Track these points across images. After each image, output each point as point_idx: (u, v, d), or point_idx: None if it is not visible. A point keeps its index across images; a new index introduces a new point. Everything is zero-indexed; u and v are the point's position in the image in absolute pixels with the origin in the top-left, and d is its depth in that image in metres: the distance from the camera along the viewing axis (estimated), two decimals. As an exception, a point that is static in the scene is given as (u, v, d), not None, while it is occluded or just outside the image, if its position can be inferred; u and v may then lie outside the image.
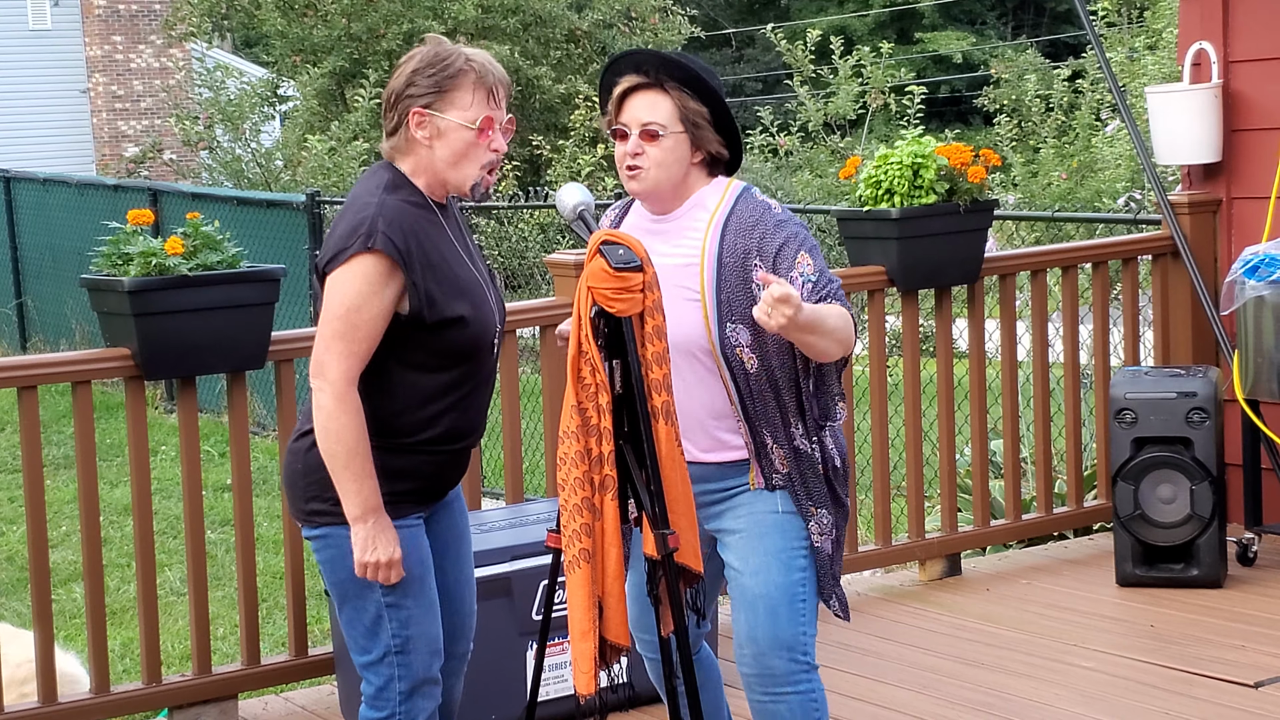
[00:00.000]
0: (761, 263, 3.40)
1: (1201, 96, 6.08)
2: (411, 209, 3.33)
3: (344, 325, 3.26)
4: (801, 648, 3.53)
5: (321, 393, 3.27)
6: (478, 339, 3.38)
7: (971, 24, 34.79)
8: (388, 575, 3.32)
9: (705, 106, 3.47)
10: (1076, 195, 13.44)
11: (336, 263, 3.27)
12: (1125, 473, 5.57)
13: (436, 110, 3.32)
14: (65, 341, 14.12)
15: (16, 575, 7.63)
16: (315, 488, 3.38)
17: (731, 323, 3.43)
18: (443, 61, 3.33)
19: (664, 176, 3.46)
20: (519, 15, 20.11)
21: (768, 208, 3.48)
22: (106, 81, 24.54)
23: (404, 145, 3.36)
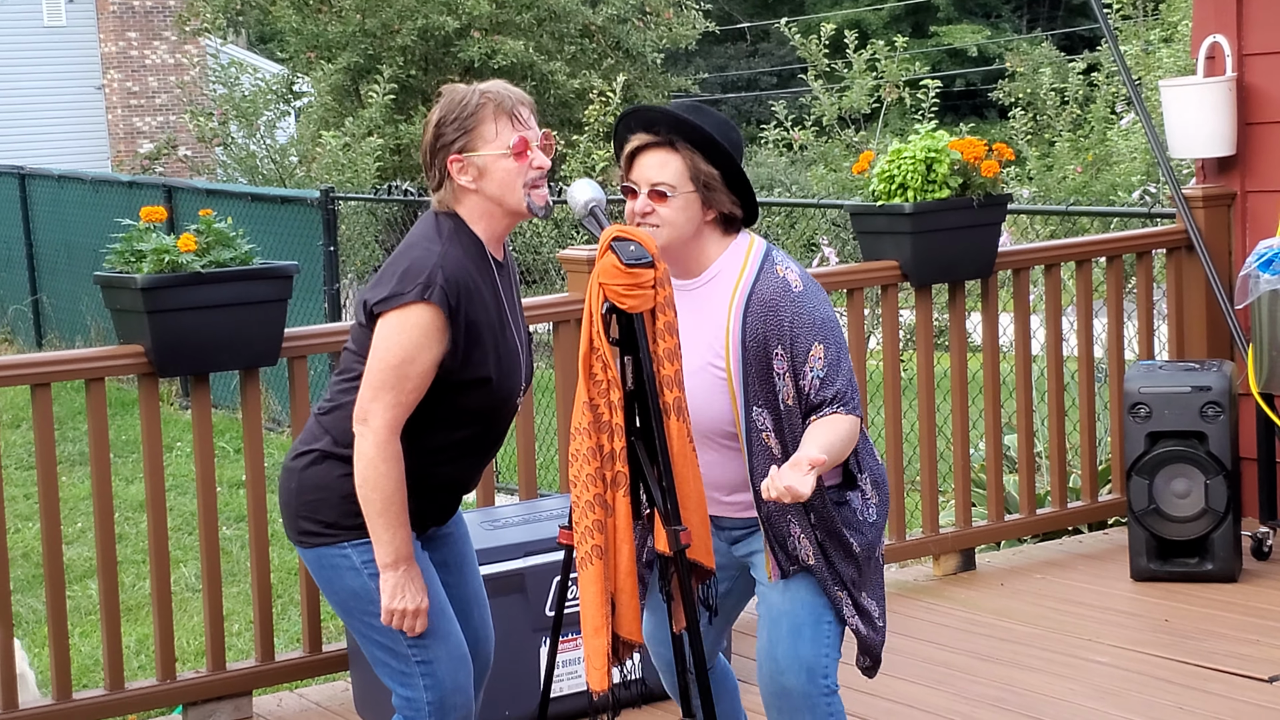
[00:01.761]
0: (782, 350, 3.37)
1: (1215, 90, 6.06)
2: (470, 265, 3.32)
3: (395, 376, 3.25)
4: (822, 670, 3.47)
5: (364, 439, 3.26)
6: (498, 402, 3.38)
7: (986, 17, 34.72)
8: (413, 625, 3.33)
9: (717, 169, 3.42)
10: (1092, 189, 13.41)
11: (390, 305, 3.25)
12: (1140, 467, 5.55)
13: (470, 150, 3.32)
14: (80, 338, 14.16)
15: (32, 572, 7.65)
16: (307, 508, 3.39)
17: (757, 407, 3.41)
18: (460, 104, 3.34)
19: (674, 235, 3.42)
20: (533, 10, 20.10)
21: (787, 286, 3.40)
22: (121, 78, 24.61)
23: (454, 195, 3.36)
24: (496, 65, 19.28)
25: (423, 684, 3.40)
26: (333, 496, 3.36)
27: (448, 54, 19.96)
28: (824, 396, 3.36)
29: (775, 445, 3.41)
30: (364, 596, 3.37)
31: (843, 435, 3.35)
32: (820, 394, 3.36)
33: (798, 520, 3.45)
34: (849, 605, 3.49)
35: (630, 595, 3.29)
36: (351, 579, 3.38)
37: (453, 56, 19.90)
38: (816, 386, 3.37)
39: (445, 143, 3.33)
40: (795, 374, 3.37)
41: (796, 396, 3.38)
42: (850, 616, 3.50)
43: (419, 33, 19.60)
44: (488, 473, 5.14)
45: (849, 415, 3.37)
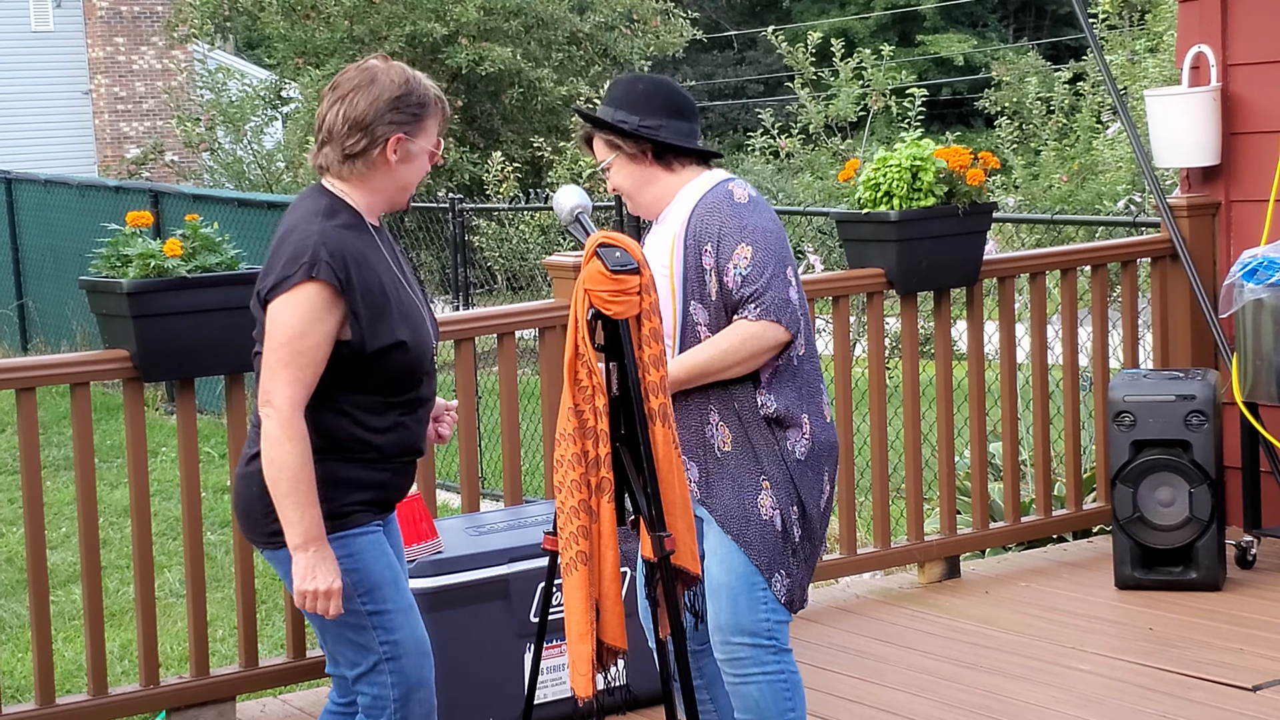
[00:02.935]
0: (711, 247, 3.62)
1: (1200, 99, 6.08)
2: (351, 235, 3.36)
3: (289, 353, 3.28)
4: (766, 632, 3.62)
5: (269, 420, 3.28)
6: (418, 362, 3.41)
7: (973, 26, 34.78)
8: (326, 606, 3.31)
9: (610, 132, 3.77)
10: (1077, 198, 13.43)
11: (279, 291, 3.30)
12: (1124, 475, 5.57)
13: (411, 137, 3.40)
14: (66, 343, 14.13)
15: (16, 577, 7.63)
16: (274, 508, 3.37)
17: (694, 301, 3.62)
18: (417, 91, 3.43)
19: (629, 191, 3.78)
20: (521, 17, 20.11)
21: (730, 195, 3.67)
22: (109, 83, 24.56)
23: (369, 166, 3.40)
24: (484, 71, 19.29)
25: (390, 680, 3.40)
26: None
27: (435, 60, 19.95)
28: (743, 294, 3.59)
29: (707, 339, 3.62)
30: (343, 594, 3.35)
31: (720, 345, 3.57)
32: (740, 291, 3.59)
33: (717, 408, 3.63)
34: (768, 496, 3.59)
35: (615, 601, 3.30)
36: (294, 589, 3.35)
37: (440, 63, 19.89)
38: (738, 283, 3.60)
39: (398, 120, 3.39)
40: (719, 270, 3.61)
41: (720, 291, 3.61)
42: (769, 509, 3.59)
43: (407, 39, 19.59)
44: (472, 478, 5.13)
45: (755, 321, 3.57)
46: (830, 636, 5.27)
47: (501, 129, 20.10)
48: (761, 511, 3.59)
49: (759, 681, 3.63)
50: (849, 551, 5.71)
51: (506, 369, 5.15)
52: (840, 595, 5.78)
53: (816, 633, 5.30)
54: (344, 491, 3.35)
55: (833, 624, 5.41)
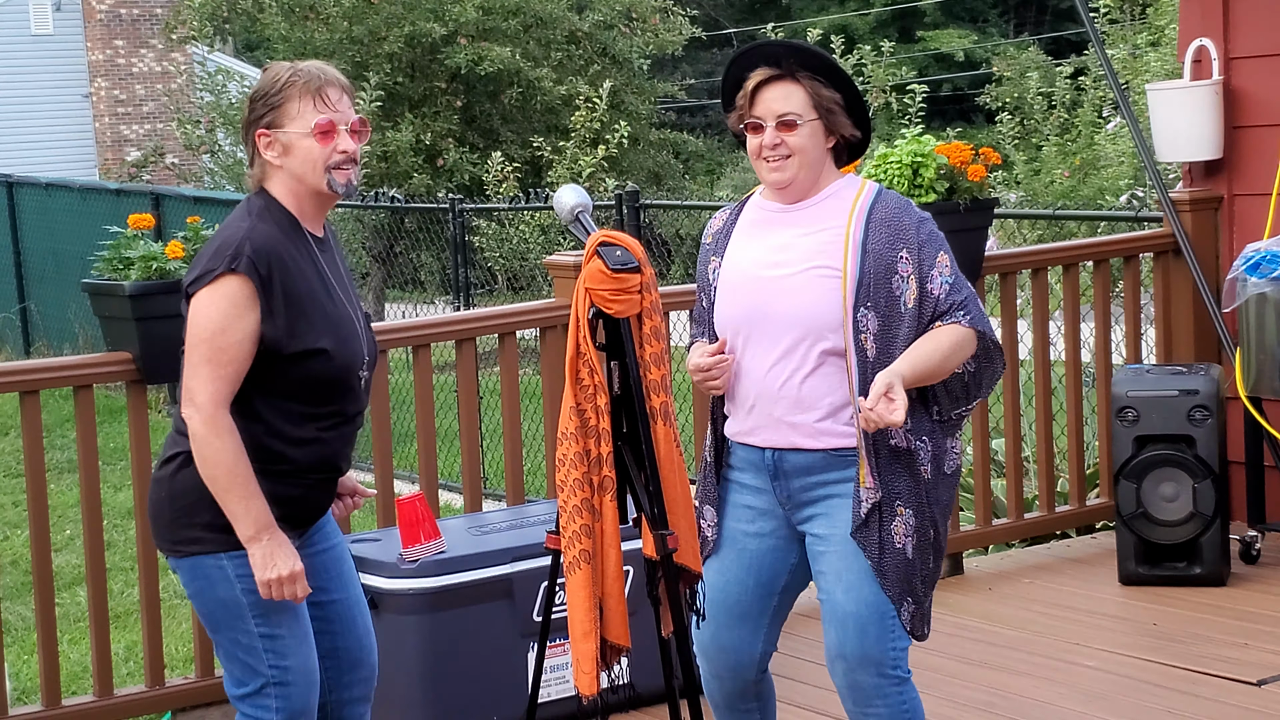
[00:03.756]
0: (909, 254, 3.43)
1: (1202, 93, 6.08)
2: (282, 237, 3.32)
3: (210, 349, 3.24)
4: (891, 663, 3.49)
5: (192, 419, 3.25)
6: (341, 374, 3.35)
7: (973, 22, 34.77)
8: (293, 591, 3.28)
9: (839, 93, 3.49)
10: (1079, 193, 13.42)
11: (200, 284, 3.27)
12: (1127, 471, 5.56)
13: (276, 127, 3.34)
14: (69, 346, 14.15)
15: (21, 579, 7.63)
16: (184, 513, 3.35)
17: (865, 307, 3.42)
18: (272, 81, 3.36)
19: (805, 163, 3.48)
20: (519, 17, 20.10)
21: (910, 204, 3.53)
22: (109, 86, 24.57)
23: (264, 171, 3.38)
24: (483, 71, 19.29)
25: (274, 704, 3.36)
26: (207, 496, 3.30)
27: (434, 61, 19.96)
28: (953, 300, 3.45)
29: (872, 350, 3.42)
30: (233, 608, 3.34)
31: (944, 346, 3.42)
32: (950, 298, 3.45)
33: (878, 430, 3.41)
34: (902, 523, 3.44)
35: (618, 599, 3.30)
36: (224, 590, 3.34)
37: (439, 63, 19.90)
38: (945, 291, 3.45)
39: (255, 117, 3.35)
40: (922, 277, 3.44)
41: (920, 300, 3.44)
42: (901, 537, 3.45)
43: (406, 40, 19.59)
44: (474, 478, 5.13)
45: (967, 327, 3.45)
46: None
47: (501, 129, 20.10)
48: (895, 539, 3.45)
49: (880, 713, 3.51)
50: (852, 548, 5.70)
51: (508, 369, 5.15)
52: (844, 592, 5.77)
53: (819, 630, 5.29)
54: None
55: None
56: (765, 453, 3.49)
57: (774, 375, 3.44)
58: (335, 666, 3.51)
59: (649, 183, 18.91)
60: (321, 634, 3.48)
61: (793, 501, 3.50)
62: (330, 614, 3.50)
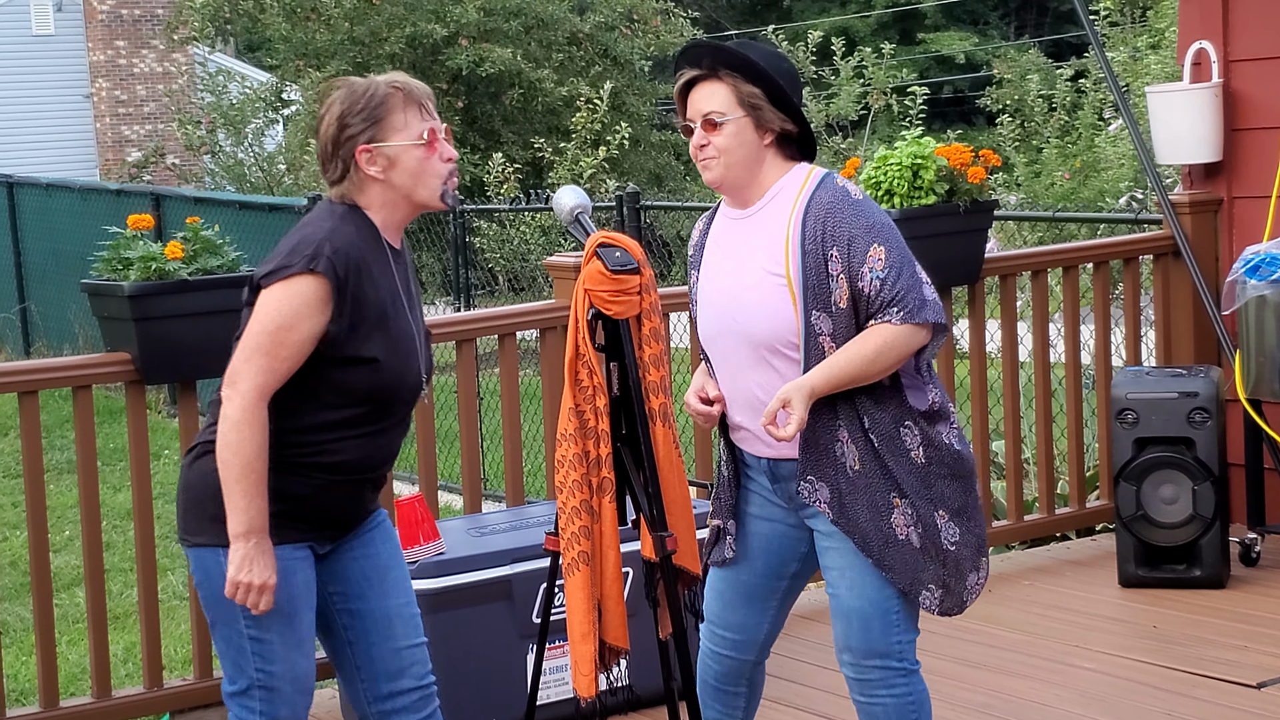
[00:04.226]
0: (838, 251, 3.35)
1: (1201, 96, 6.08)
2: (362, 243, 3.30)
3: (270, 342, 3.21)
4: (897, 655, 3.52)
5: (230, 403, 3.22)
6: (390, 388, 3.32)
7: (974, 24, 34.78)
8: (257, 600, 3.24)
9: (759, 87, 3.44)
10: (1079, 195, 13.43)
11: (275, 278, 3.24)
12: (1127, 473, 5.56)
13: (379, 141, 3.30)
14: (69, 346, 14.15)
15: (19, 580, 7.63)
16: (193, 504, 3.34)
17: (816, 310, 3.38)
18: (366, 94, 3.32)
19: (733, 161, 3.43)
20: (521, 18, 20.12)
21: (846, 193, 3.42)
22: (109, 86, 24.59)
23: (359, 186, 3.33)
24: (484, 73, 19.30)
25: (259, 708, 3.34)
26: (211, 488, 3.28)
27: (435, 62, 19.97)
28: (884, 298, 3.35)
29: (831, 351, 3.37)
30: (227, 605, 3.31)
31: (867, 351, 3.33)
32: (880, 294, 3.35)
33: (846, 424, 3.40)
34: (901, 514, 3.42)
35: (617, 601, 3.30)
36: (220, 585, 3.30)
37: (440, 64, 19.91)
38: (876, 287, 3.35)
39: (352, 133, 3.30)
40: (852, 275, 3.35)
41: (852, 299, 3.36)
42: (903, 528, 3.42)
43: (407, 40, 19.60)
44: (474, 478, 5.13)
45: (900, 325, 3.35)
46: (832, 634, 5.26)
47: (502, 130, 20.11)
48: (897, 531, 3.43)
49: (885, 703, 3.54)
50: (852, 550, 5.70)
51: (508, 370, 5.15)
52: (843, 594, 5.77)
53: (820, 632, 5.29)
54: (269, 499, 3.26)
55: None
56: (761, 460, 3.50)
57: (749, 389, 3.43)
58: (372, 676, 3.47)
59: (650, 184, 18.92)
60: (357, 642, 3.46)
61: (794, 502, 3.50)
62: (366, 623, 3.46)
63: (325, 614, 3.47)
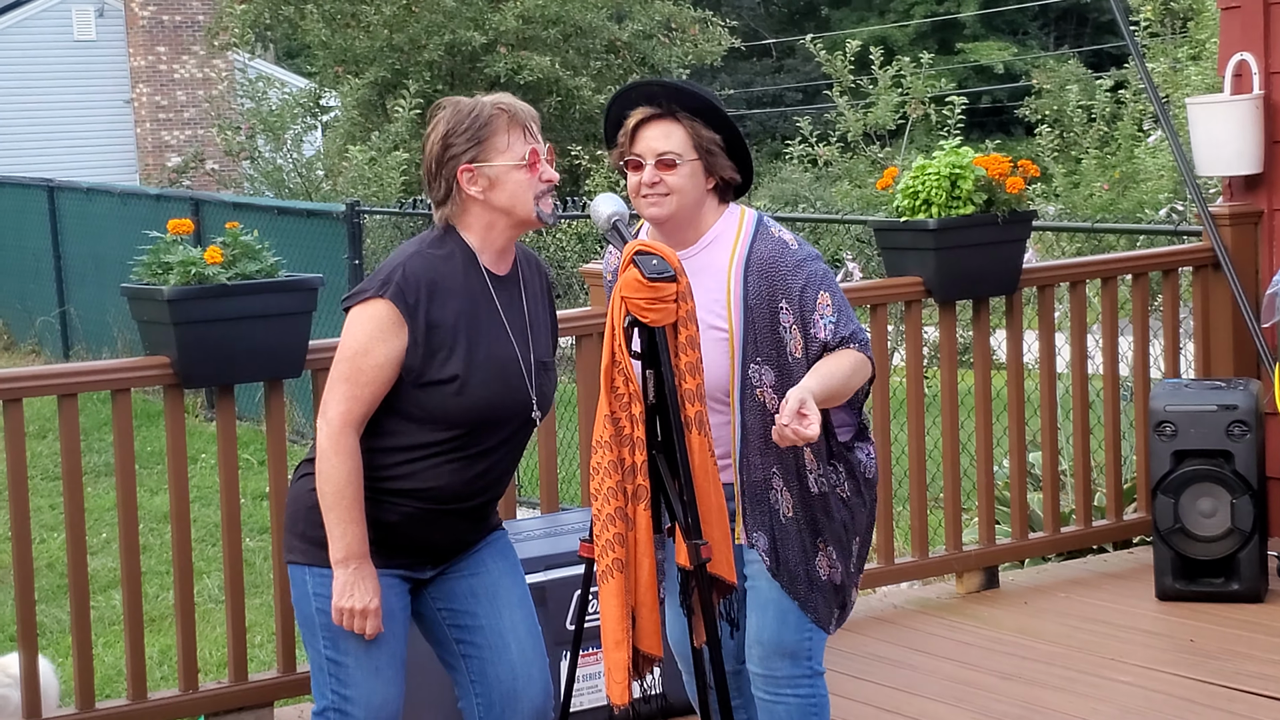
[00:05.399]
0: (788, 304, 3.47)
1: (1242, 107, 6.04)
2: (444, 266, 3.32)
3: (349, 369, 3.27)
4: (806, 653, 3.61)
5: (320, 433, 3.28)
6: (476, 412, 3.32)
7: (1013, 34, 34.67)
8: (363, 625, 3.28)
9: (718, 134, 3.51)
10: (1118, 206, 13.37)
11: (354, 301, 3.32)
12: (1165, 486, 5.53)
13: (482, 161, 3.32)
14: (107, 350, 14.22)
15: (57, 582, 7.67)
16: (290, 522, 3.40)
17: (756, 364, 3.49)
18: (471, 114, 3.34)
19: (683, 203, 3.50)
20: (559, 26, 20.16)
21: (784, 245, 3.53)
22: (150, 92, 24.73)
23: (460, 206, 3.35)
24: (522, 80, 19.34)
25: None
26: (302, 508, 3.36)
27: (474, 69, 20.03)
28: (841, 336, 3.49)
29: (771, 402, 3.49)
30: (309, 624, 3.37)
31: (845, 368, 3.47)
32: (837, 334, 3.48)
33: (780, 474, 3.53)
34: (825, 558, 3.57)
35: (650, 609, 3.29)
36: (304, 603, 3.37)
37: (479, 72, 19.96)
38: (831, 330, 3.49)
39: (456, 153, 3.32)
40: (805, 324, 3.48)
41: (806, 346, 3.48)
42: (828, 569, 3.58)
43: (446, 48, 19.66)
44: (510, 486, 5.12)
45: (859, 352, 3.49)
46: (867, 646, 5.25)
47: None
48: (820, 572, 3.58)
49: (789, 703, 3.62)
50: (887, 561, 5.69)
51: (544, 377, 5.15)
52: (878, 605, 5.76)
53: (854, 642, 5.28)
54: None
55: (870, 634, 5.39)
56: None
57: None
58: (485, 695, 3.48)
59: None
60: (471, 658, 3.48)
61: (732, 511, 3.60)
62: (479, 639, 3.48)
63: (437, 629, 3.51)
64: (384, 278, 3.29)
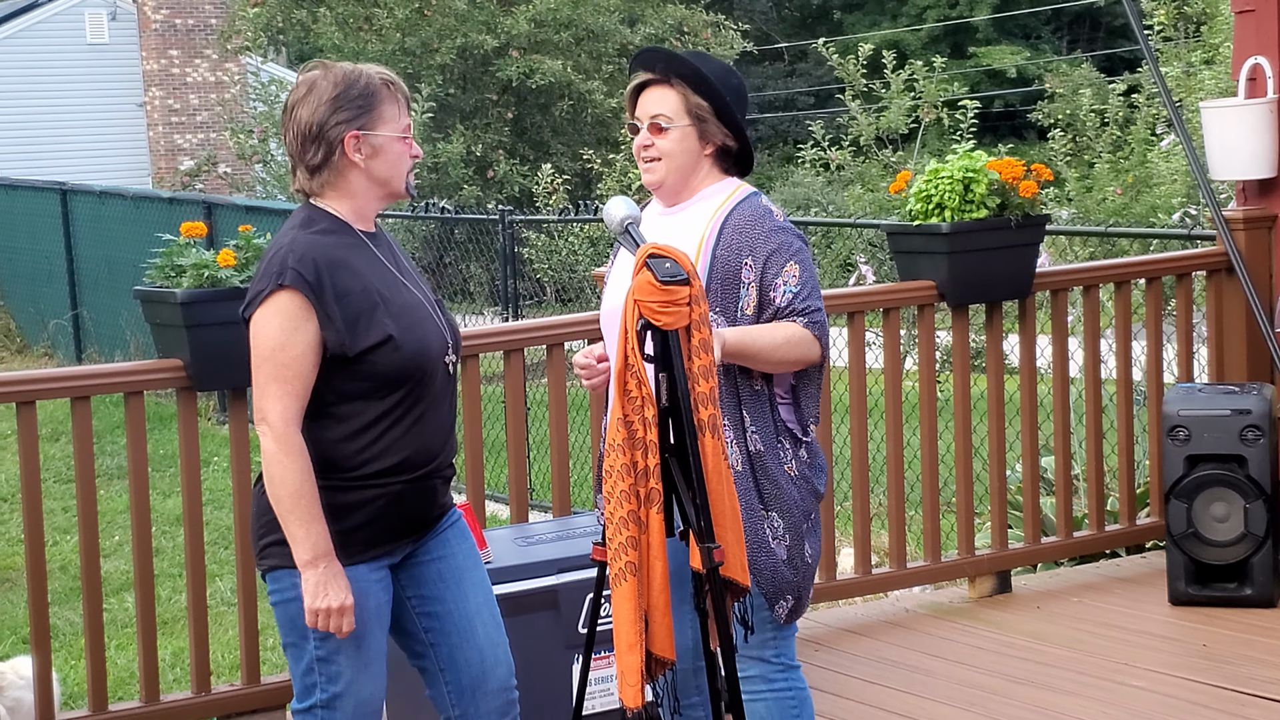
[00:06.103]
0: (753, 261, 3.55)
1: (1256, 111, 6.03)
2: (325, 240, 3.31)
3: (273, 367, 3.24)
4: (772, 651, 3.63)
5: (265, 438, 3.25)
6: (415, 361, 3.32)
7: (1026, 38, 34.64)
8: (339, 624, 3.26)
9: (706, 100, 3.61)
10: (1131, 210, 13.34)
11: (254, 305, 3.27)
12: (1178, 490, 5.52)
13: (369, 129, 3.33)
14: (120, 353, 14.25)
15: (70, 585, 7.69)
16: (264, 529, 3.37)
17: (714, 312, 3.54)
18: (359, 83, 3.34)
19: (674, 166, 3.63)
20: (571, 30, 20.18)
21: (768, 212, 3.63)
22: (163, 95, 24.78)
23: (337, 173, 3.35)
24: (534, 84, 19.36)
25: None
26: (269, 512, 3.33)
27: (486, 73, 20.05)
28: (794, 308, 3.56)
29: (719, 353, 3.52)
30: (298, 624, 3.35)
31: (779, 336, 3.53)
32: (791, 305, 3.55)
33: (731, 425, 3.56)
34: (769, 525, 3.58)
35: (663, 612, 3.29)
36: (292, 606, 3.34)
37: (491, 75, 19.99)
38: (788, 299, 3.56)
39: (344, 119, 3.31)
40: (764, 285, 3.56)
41: (759, 307, 3.55)
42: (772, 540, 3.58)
43: (458, 51, 19.69)
44: (521, 489, 5.13)
45: (805, 329, 3.55)
46: (879, 650, 5.25)
47: (551, 141, 20.17)
48: (770, 538, 3.59)
49: (767, 699, 3.64)
50: (899, 565, 5.68)
51: (555, 380, 5.16)
52: (890, 609, 5.75)
53: (866, 646, 5.28)
54: (332, 520, 3.28)
55: (882, 638, 5.38)
56: None
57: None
58: (456, 679, 3.49)
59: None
60: (439, 644, 3.48)
61: None
62: (445, 624, 3.48)
63: (404, 618, 3.49)
64: (276, 270, 3.24)
